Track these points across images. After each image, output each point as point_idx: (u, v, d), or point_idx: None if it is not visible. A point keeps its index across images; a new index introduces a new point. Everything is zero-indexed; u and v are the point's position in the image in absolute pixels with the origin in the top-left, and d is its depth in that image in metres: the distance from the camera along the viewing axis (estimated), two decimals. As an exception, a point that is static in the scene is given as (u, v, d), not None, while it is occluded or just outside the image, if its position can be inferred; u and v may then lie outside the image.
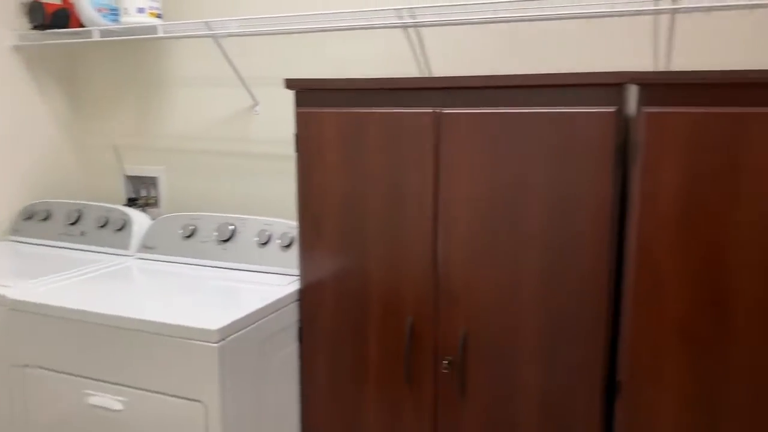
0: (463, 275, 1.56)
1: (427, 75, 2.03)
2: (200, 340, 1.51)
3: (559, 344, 1.49)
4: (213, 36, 2.07)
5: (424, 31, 2.00)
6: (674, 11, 1.58)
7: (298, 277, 1.79)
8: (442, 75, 2.00)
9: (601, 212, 1.41)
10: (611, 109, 1.37)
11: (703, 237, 1.31)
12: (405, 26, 1.87)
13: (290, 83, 1.69)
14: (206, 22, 2.04)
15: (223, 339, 1.52)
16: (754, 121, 1.25)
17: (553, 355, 1.50)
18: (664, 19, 1.73)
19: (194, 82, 2.39)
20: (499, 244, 1.51)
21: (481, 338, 1.57)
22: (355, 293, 1.70)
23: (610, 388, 1.51)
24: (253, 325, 1.64)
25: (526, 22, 1.88)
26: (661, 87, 1.31)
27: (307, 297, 1.77)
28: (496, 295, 1.54)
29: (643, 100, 1.33)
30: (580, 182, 1.42)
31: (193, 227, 2.14)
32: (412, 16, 1.80)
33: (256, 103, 2.29)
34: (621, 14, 1.62)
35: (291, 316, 1.80)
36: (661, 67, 1.75)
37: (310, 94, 1.69)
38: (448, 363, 1.61)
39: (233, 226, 2.09)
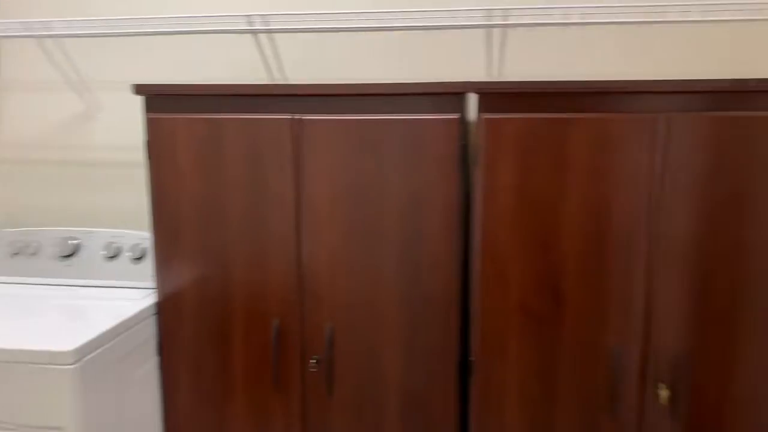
0: (327, 274, 1.62)
1: (282, 81, 2.06)
2: (54, 364, 1.41)
3: (417, 332, 1.61)
4: (37, 36, 1.93)
5: (279, 37, 2.03)
6: (505, 26, 1.77)
7: (155, 290, 1.73)
8: (296, 81, 2.04)
9: (449, 208, 1.54)
10: (455, 116, 1.51)
11: (537, 226, 1.50)
12: (254, 32, 1.88)
13: (140, 88, 1.63)
14: (35, 22, 1.89)
15: (79, 360, 1.44)
16: (575, 125, 1.45)
17: (412, 343, 1.61)
18: (497, 33, 1.91)
19: (26, 86, 2.19)
20: (359, 243, 1.59)
21: (346, 334, 1.64)
22: (218, 300, 1.69)
23: (464, 369, 1.65)
24: (109, 344, 1.56)
25: (376, 32, 1.98)
26: (498, 96, 1.47)
27: (165, 309, 1.72)
28: (359, 290, 1.61)
29: (483, 108, 1.49)
30: (430, 182, 1.54)
31: (28, 244, 1.97)
32: (265, 23, 1.82)
33: (98, 108, 2.16)
34: (459, 27, 1.78)
35: (149, 330, 1.73)
36: (495, 77, 1.94)
37: (162, 100, 1.64)
38: (315, 362, 1.66)
39: (77, 241, 1.96)
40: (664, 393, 1.50)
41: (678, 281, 1.47)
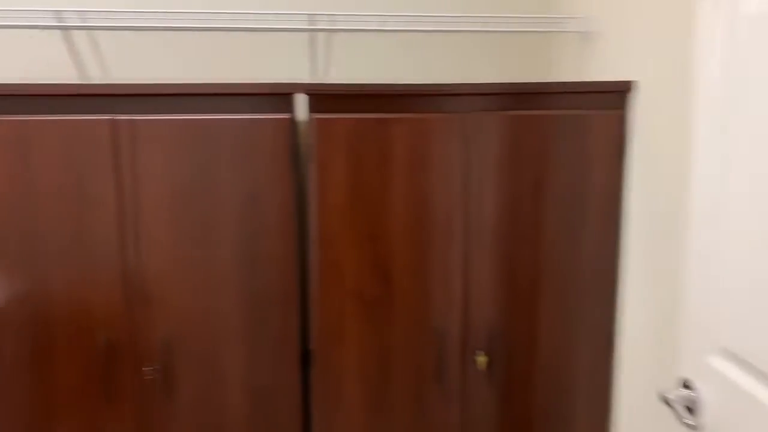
0: (159, 281, 1.59)
1: (104, 81, 1.95)
2: None
3: (259, 328, 1.64)
4: None
5: (99, 34, 1.91)
6: (324, 31, 1.85)
7: (-42, 310, 1.56)
8: (123, 81, 1.95)
9: (285, 204, 1.60)
10: (286, 116, 1.56)
11: (368, 218, 1.61)
12: (65, 28, 1.77)
13: (-69, 87, 1.46)
14: None
15: None
16: (398, 124, 1.58)
17: (254, 340, 1.64)
18: (323, 36, 2.00)
19: None
20: (194, 244, 1.58)
21: (184, 338, 1.62)
22: (35, 319, 1.56)
23: (305, 358, 1.72)
24: None
25: (198, 32, 1.96)
26: (327, 96, 1.56)
27: (-28, 331, 1.56)
28: (196, 293, 1.60)
29: (313, 108, 1.56)
30: (265, 180, 1.58)
31: None
32: (83, 19, 1.72)
33: None
34: (281, 30, 1.83)
35: (-46, 355, 1.56)
36: (321, 79, 2.03)
37: (-40, 100, 1.49)
38: (152, 370, 1.61)
39: None
40: (482, 359, 1.70)
41: (490, 261, 1.67)
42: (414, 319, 1.67)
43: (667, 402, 1.16)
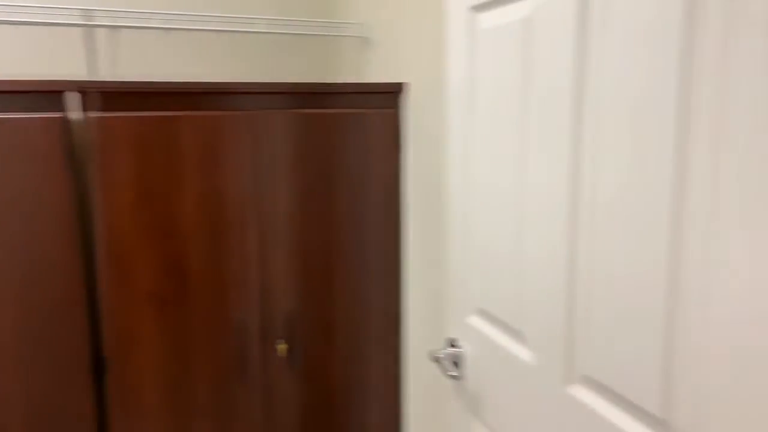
0: None
1: None
2: None
3: (40, 341, 1.53)
4: None
5: None
6: (109, 27, 1.79)
7: None
8: None
9: (62, 207, 1.51)
10: (58, 115, 1.48)
11: (159, 217, 1.59)
12: None
13: None
14: None
15: None
16: (186, 122, 1.58)
17: (35, 353, 1.53)
18: (103, 32, 1.91)
19: None
20: (-42, 257, 1.44)
21: (-49, 360, 1.46)
22: None
23: (99, 367, 1.64)
24: None
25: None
26: (106, 95, 1.51)
27: None
28: (-37, 310, 1.46)
29: (91, 106, 1.50)
30: (36, 183, 1.48)
31: None
32: None
33: None
34: (51, 25, 1.73)
35: None
36: (102, 77, 1.94)
37: None
38: None
39: None
40: (282, 347, 1.77)
41: (285, 252, 1.74)
42: (212, 314, 1.68)
43: (437, 360, 1.33)
